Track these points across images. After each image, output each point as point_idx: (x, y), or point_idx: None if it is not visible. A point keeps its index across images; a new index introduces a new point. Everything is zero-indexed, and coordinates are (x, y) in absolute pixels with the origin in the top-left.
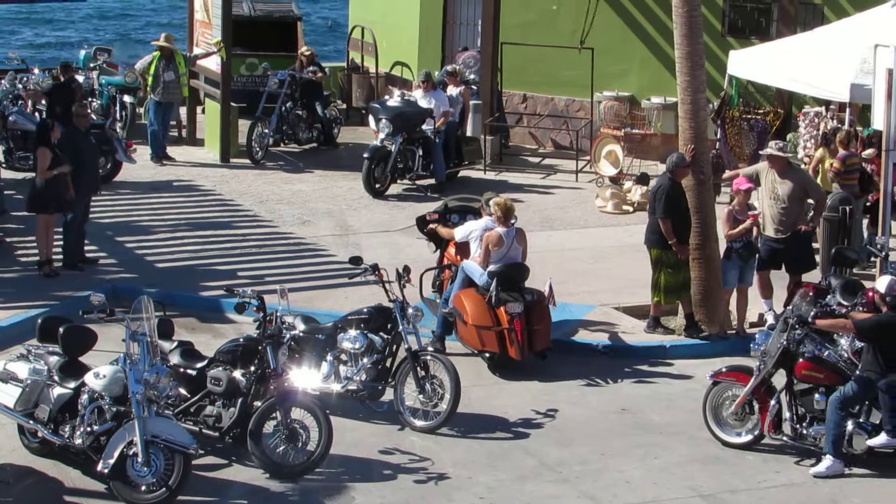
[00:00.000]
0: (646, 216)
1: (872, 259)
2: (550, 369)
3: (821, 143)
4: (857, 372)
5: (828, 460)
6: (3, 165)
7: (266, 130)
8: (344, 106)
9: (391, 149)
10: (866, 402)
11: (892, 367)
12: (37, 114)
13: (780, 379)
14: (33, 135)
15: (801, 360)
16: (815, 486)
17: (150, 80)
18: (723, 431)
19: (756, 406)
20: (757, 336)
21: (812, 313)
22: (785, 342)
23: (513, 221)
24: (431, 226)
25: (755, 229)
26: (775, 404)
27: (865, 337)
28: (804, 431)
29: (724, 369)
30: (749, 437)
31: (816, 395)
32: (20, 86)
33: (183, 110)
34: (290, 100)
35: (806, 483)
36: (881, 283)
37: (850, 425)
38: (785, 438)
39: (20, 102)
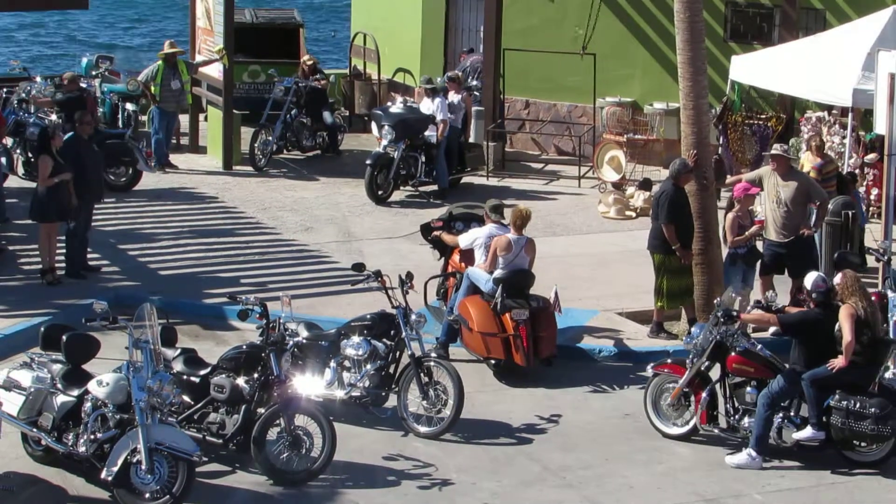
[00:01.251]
0: (648, 222)
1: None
2: (554, 375)
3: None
4: (787, 366)
5: (747, 454)
6: (23, 175)
7: (269, 138)
8: (347, 113)
9: (394, 155)
10: (796, 397)
11: (816, 362)
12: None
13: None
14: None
15: (732, 353)
16: (819, 491)
17: (156, 89)
18: (661, 422)
19: (692, 398)
20: (693, 330)
21: (749, 307)
22: (717, 336)
23: None
24: (436, 233)
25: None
26: (706, 397)
27: (790, 332)
28: (736, 424)
29: (668, 360)
30: (686, 429)
31: (748, 389)
32: (33, 93)
33: (185, 118)
34: (295, 107)
35: (811, 488)
36: (808, 280)
37: (778, 420)
38: (717, 431)
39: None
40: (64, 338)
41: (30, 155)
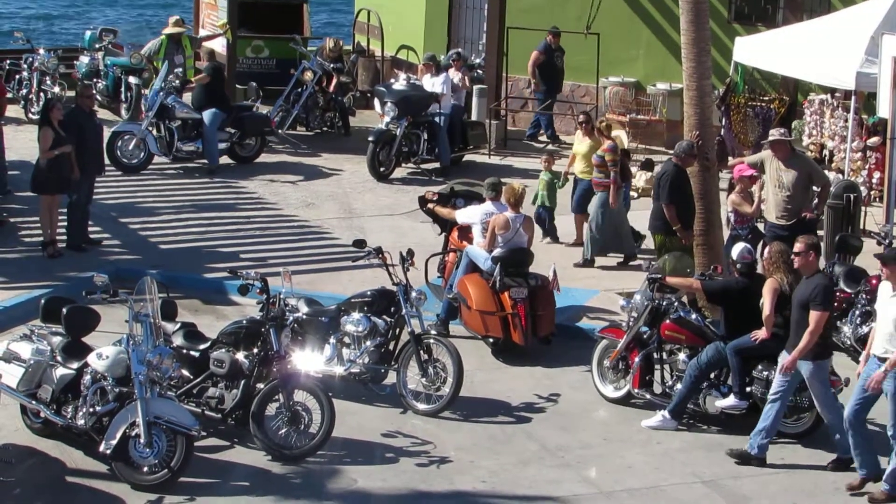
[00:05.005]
0: (650, 202)
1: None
2: (553, 354)
3: None
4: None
5: (662, 415)
6: (168, 156)
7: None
8: (354, 89)
9: (396, 132)
10: (725, 366)
11: (741, 331)
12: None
13: None
14: (191, 122)
15: (666, 320)
16: (819, 474)
17: (158, 63)
18: (602, 384)
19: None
20: (635, 295)
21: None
22: (647, 301)
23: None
24: (430, 205)
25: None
26: (639, 361)
27: (712, 299)
28: (670, 391)
29: (619, 326)
30: (622, 392)
31: (681, 356)
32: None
33: None
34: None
35: (811, 470)
36: (735, 250)
37: (704, 388)
38: (648, 396)
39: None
40: (64, 310)
41: (168, 136)
